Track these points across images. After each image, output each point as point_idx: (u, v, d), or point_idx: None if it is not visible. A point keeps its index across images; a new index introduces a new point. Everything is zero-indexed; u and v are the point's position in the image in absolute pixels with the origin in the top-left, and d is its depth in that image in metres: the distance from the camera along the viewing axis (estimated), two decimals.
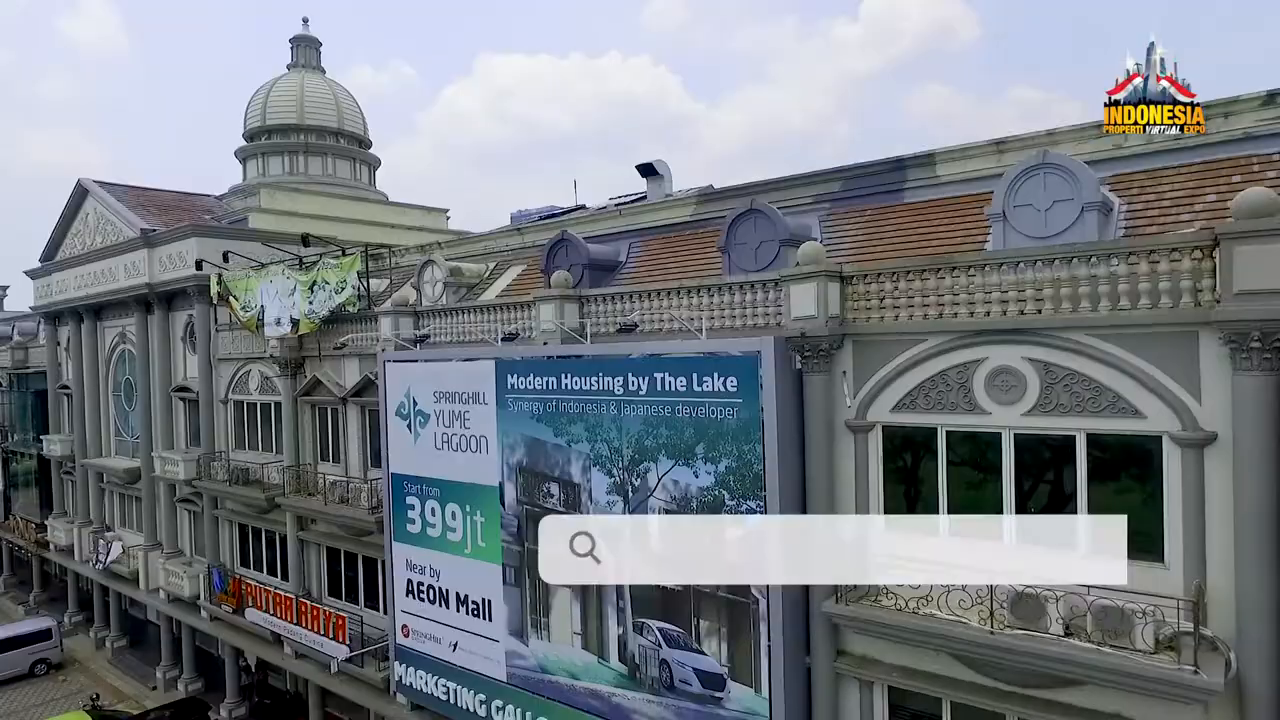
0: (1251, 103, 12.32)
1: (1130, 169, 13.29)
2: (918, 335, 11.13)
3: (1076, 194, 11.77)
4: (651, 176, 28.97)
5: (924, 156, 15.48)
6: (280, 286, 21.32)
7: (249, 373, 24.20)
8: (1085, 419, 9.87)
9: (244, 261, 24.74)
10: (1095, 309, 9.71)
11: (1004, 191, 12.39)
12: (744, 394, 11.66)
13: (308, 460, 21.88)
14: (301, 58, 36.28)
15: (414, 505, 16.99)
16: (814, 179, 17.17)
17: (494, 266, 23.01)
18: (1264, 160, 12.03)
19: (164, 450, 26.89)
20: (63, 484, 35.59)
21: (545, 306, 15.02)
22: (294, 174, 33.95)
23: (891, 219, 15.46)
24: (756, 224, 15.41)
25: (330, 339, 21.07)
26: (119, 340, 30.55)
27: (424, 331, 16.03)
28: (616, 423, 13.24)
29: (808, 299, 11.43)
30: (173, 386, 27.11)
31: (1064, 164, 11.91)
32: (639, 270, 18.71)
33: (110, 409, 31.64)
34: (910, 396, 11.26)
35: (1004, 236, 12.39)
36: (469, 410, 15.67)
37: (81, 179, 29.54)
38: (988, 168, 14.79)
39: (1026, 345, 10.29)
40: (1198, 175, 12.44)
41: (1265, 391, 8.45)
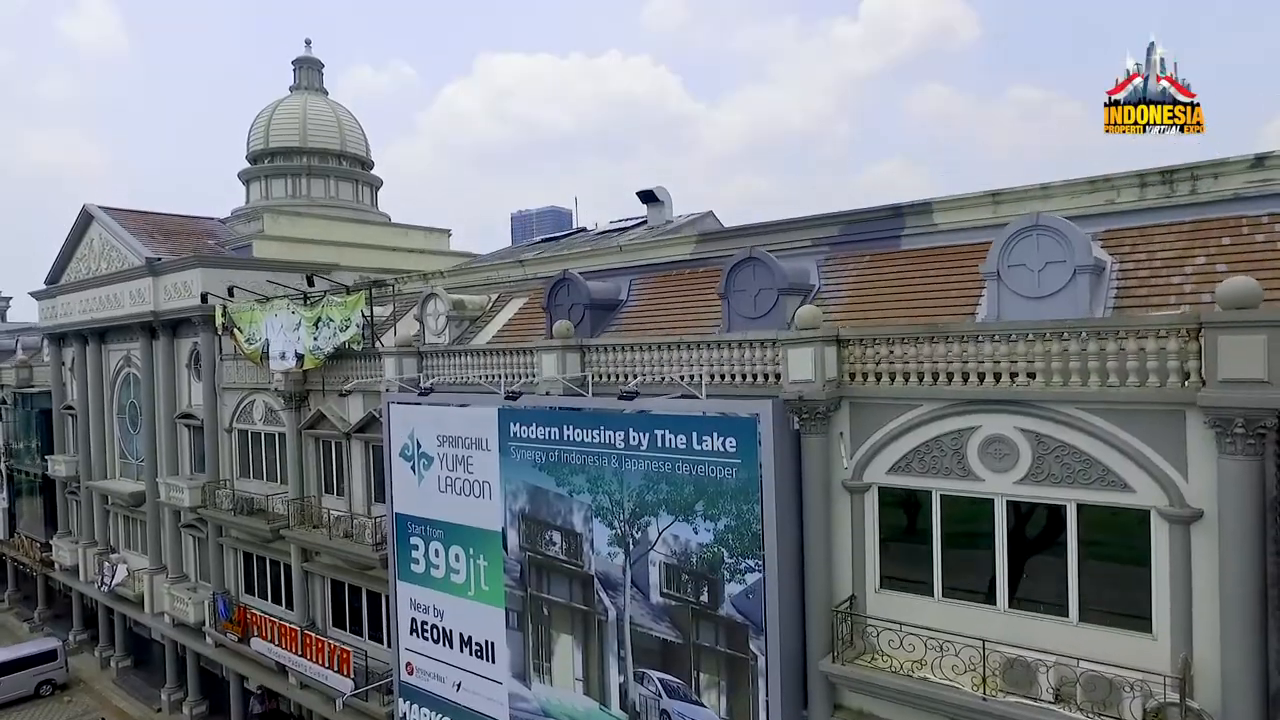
0: (1240, 164, 12.55)
1: (1122, 225, 13.52)
2: (913, 400, 11.37)
3: (1069, 256, 11.99)
4: (652, 203, 29.35)
5: (921, 205, 15.71)
6: (285, 321, 21.56)
7: (253, 403, 24.44)
8: (1076, 490, 10.10)
9: (249, 295, 24.99)
10: (1085, 384, 9.94)
11: (998, 251, 12.61)
12: (743, 455, 11.90)
13: (312, 493, 22.12)
14: (304, 79, 36.51)
15: (418, 545, 17.24)
16: (813, 223, 17.40)
17: (495, 298, 23.23)
18: (1253, 222, 12.26)
19: (169, 476, 27.15)
20: (67, 503, 35.84)
21: (547, 357, 15.26)
22: (296, 196, 34.17)
23: (889, 266, 15.68)
24: (755, 272, 15.66)
25: (334, 374, 21.32)
26: (124, 364, 30.79)
27: (429, 385, 16.26)
28: (618, 476, 13.48)
29: (805, 363, 11.66)
30: (177, 413, 27.38)
31: (1057, 226, 12.12)
32: (639, 310, 18.93)
33: (115, 431, 31.88)
34: (906, 460, 11.50)
35: (998, 295, 12.62)
36: (472, 455, 15.91)
37: (87, 205, 29.80)
38: (983, 218, 15.04)
39: (1019, 415, 10.52)
40: (1188, 235, 12.66)
41: (1249, 475, 8.68)
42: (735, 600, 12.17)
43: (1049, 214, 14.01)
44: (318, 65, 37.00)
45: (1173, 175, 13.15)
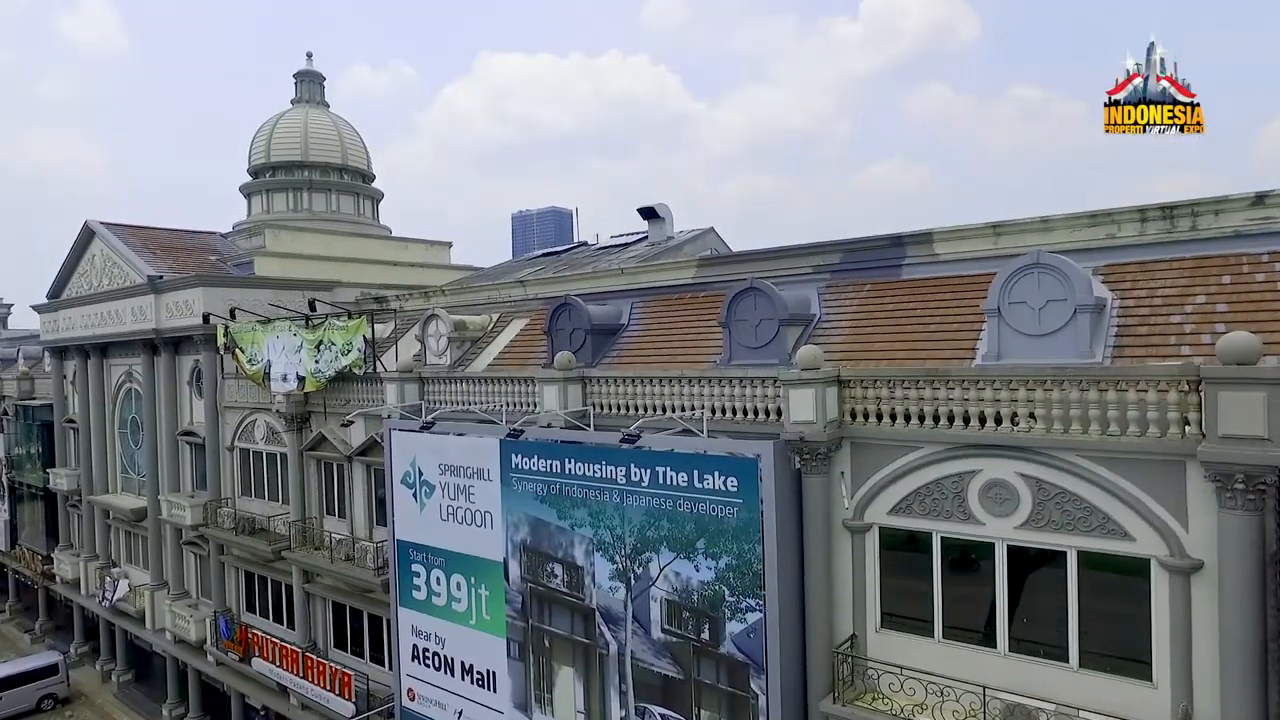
0: (1241, 202, 12.57)
1: (1123, 260, 13.53)
2: (914, 443, 11.40)
3: (1069, 295, 12.03)
4: (653, 219, 29.42)
5: (922, 235, 15.73)
6: (286, 343, 21.59)
7: (255, 422, 24.48)
8: (1076, 537, 10.13)
9: (251, 316, 25.03)
10: (1085, 431, 9.97)
11: (999, 288, 12.64)
12: (744, 495, 11.93)
13: (313, 514, 22.16)
14: (305, 92, 36.56)
15: (419, 573, 17.27)
16: (814, 250, 17.43)
17: (497, 319, 23.25)
18: (1253, 261, 12.27)
19: (170, 494, 27.20)
20: (69, 516, 35.89)
21: (549, 388, 15.29)
22: (297, 210, 34.22)
23: (890, 296, 15.70)
24: (756, 302, 15.68)
25: (336, 396, 21.36)
26: (125, 379, 30.83)
27: (430, 419, 16.29)
28: (619, 511, 13.51)
29: (806, 404, 11.69)
30: (179, 430, 27.41)
31: (1057, 265, 12.15)
32: (641, 335, 18.95)
33: (117, 445, 31.93)
34: (906, 501, 11.53)
35: (998, 333, 12.65)
36: (473, 485, 15.94)
37: (89, 221, 29.84)
38: (984, 249, 15.07)
39: (1019, 461, 10.55)
40: (1189, 272, 12.67)
41: (1250, 530, 8.71)
42: (736, 639, 12.20)
43: (1050, 249, 14.17)
44: (319, 78, 37.05)
45: (1173, 211, 13.16)
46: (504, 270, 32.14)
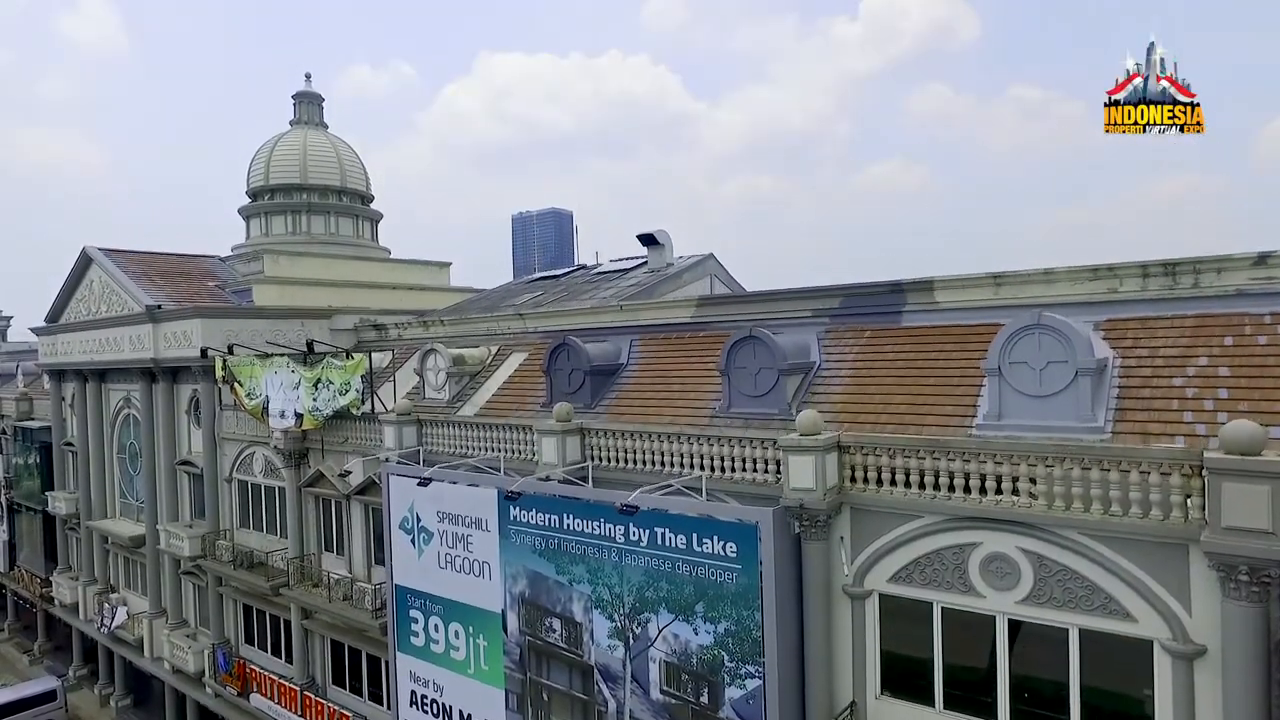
0: (1243, 262, 12.50)
1: (1124, 315, 13.45)
2: (913, 512, 11.31)
3: (1070, 357, 11.95)
4: (653, 246, 29.40)
5: (923, 282, 15.66)
6: (285, 379, 21.51)
7: (253, 455, 24.40)
8: (1078, 615, 10.05)
9: (252, 341, 24.95)
10: (1087, 510, 9.88)
11: (999, 348, 12.57)
12: (743, 561, 11.84)
13: (312, 550, 22.07)
14: (304, 114, 36.47)
15: (417, 619, 17.18)
16: (814, 294, 17.36)
17: (496, 351, 23.18)
18: (1255, 321, 12.20)
19: (169, 523, 27.12)
20: (67, 539, 35.80)
21: (547, 440, 15.21)
22: (296, 233, 34.15)
23: (891, 343, 15.62)
24: (755, 351, 15.62)
25: (334, 434, 21.27)
26: (123, 404, 30.75)
27: (428, 474, 16.19)
28: (618, 570, 13.42)
29: (806, 472, 11.60)
30: (177, 460, 27.33)
31: (1058, 327, 12.07)
32: (640, 375, 18.87)
33: (115, 470, 31.85)
34: (907, 570, 11.45)
35: (999, 392, 12.59)
36: (471, 535, 15.86)
37: (87, 247, 29.74)
38: (985, 298, 15.00)
39: (1020, 536, 10.47)
40: (1191, 331, 12.59)
41: (1254, 619, 8.62)
42: (736, 704, 12.11)
43: (1051, 301, 14.15)
44: (317, 99, 36.97)
45: (1175, 268, 13.10)
46: (503, 295, 32.08)
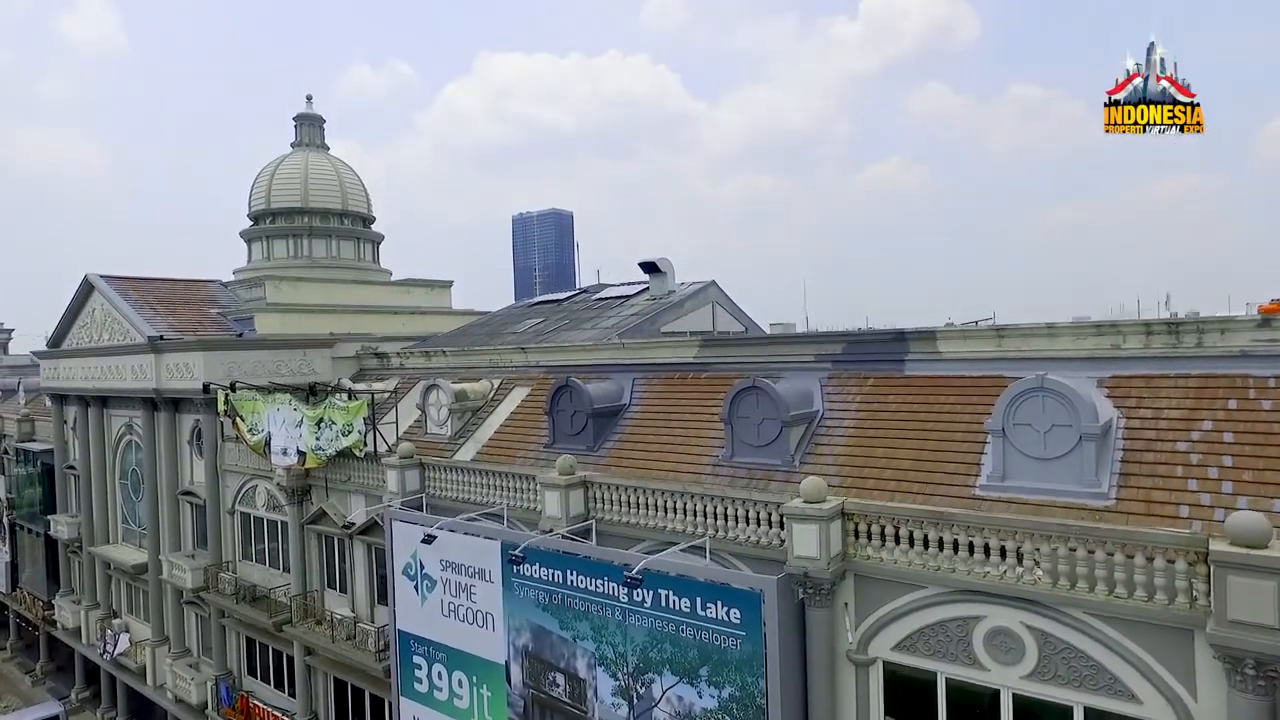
0: (1247, 324, 12.51)
1: (1128, 372, 13.44)
2: (918, 583, 11.31)
3: (1074, 421, 11.96)
4: (654, 273, 29.42)
5: (926, 332, 15.69)
6: (287, 416, 21.52)
7: (255, 488, 24.41)
8: (1083, 694, 10.04)
9: (254, 372, 24.99)
10: (1091, 590, 9.88)
11: (1003, 409, 12.57)
12: (747, 627, 11.84)
13: (315, 587, 22.09)
14: (305, 136, 36.50)
15: (421, 665, 17.19)
16: (817, 339, 17.40)
17: (498, 385, 23.16)
18: (1259, 385, 12.20)
19: (171, 553, 27.14)
20: (70, 562, 35.80)
21: (550, 494, 15.21)
22: (298, 257, 34.18)
23: (894, 393, 15.61)
24: (759, 400, 15.61)
25: (337, 471, 21.27)
26: (125, 430, 30.76)
27: (433, 531, 16.19)
28: (622, 629, 13.43)
29: (810, 540, 11.61)
30: (180, 490, 27.35)
31: (1062, 391, 12.07)
32: (643, 417, 18.85)
33: (117, 496, 31.85)
34: (911, 639, 11.45)
35: (1003, 453, 12.60)
36: (475, 585, 15.86)
37: (89, 275, 29.75)
38: (988, 350, 15.02)
39: (1024, 612, 10.46)
40: (1195, 392, 12.58)
41: (1261, 713, 8.61)
42: None
43: (1054, 356, 14.17)
44: (319, 121, 37.01)
45: (1179, 327, 13.12)
46: (504, 320, 32.08)
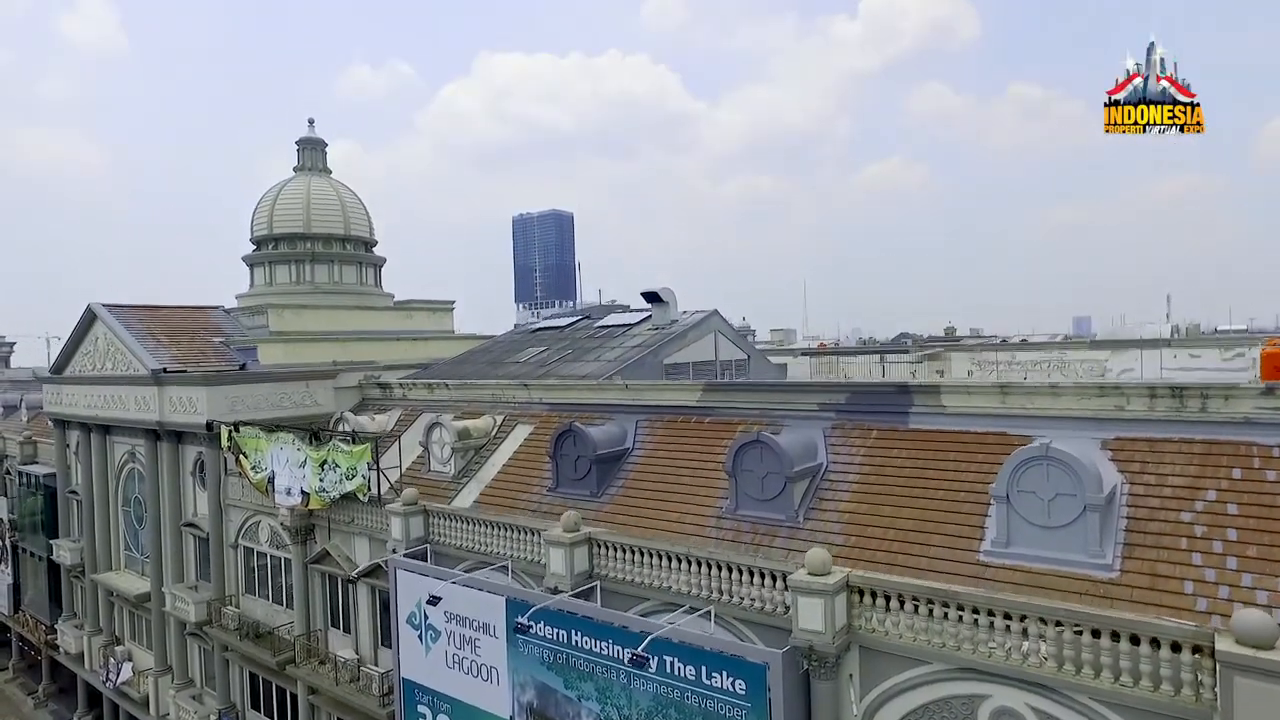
0: (1251, 391, 12.54)
1: (1132, 434, 13.48)
2: (922, 659, 11.32)
3: (1079, 491, 12.00)
4: (657, 303, 29.46)
5: (930, 388, 15.76)
6: (291, 456, 21.55)
7: (259, 523, 24.44)
8: None
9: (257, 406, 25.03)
10: (1097, 677, 9.89)
11: (1007, 475, 12.60)
12: (752, 699, 11.85)
13: (318, 626, 22.11)
14: (308, 160, 36.55)
15: (425, 715, 17.21)
16: (821, 388, 17.44)
17: (501, 421, 23.16)
18: (1264, 453, 12.24)
19: (174, 584, 27.17)
20: (72, 586, 35.85)
21: (555, 551, 15.23)
22: (300, 283, 34.23)
23: (898, 445, 15.63)
24: (762, 454, 15.63)
25: (340, 513, 21.29)
26: (128, 458, 30.79)
27: (437, 593, 16.20)
28: (626, 692, 13.44)
29: (815, 614, 11.63)
30: (182, 521, 27.38)
31: (1067, 460, 12.10)
32: (646, 461, 18.85)
33: (120, 523, 31.90)
34: (916, 714, 11.47)
35: (1007, 519, 12.63)
36: (479, 639, 15.88)
37: (92, 304, 29.77)
38: (992, 406, 15.05)
39: (1030, 694, 10.48)
40: (1199, 459, 12.62)
41: None
42: None
43: (1058, 415, 14.21)
44: (321, 145, 37.06)
45: (1183, 391, 13.15)
46: (506, 347, 32.12)
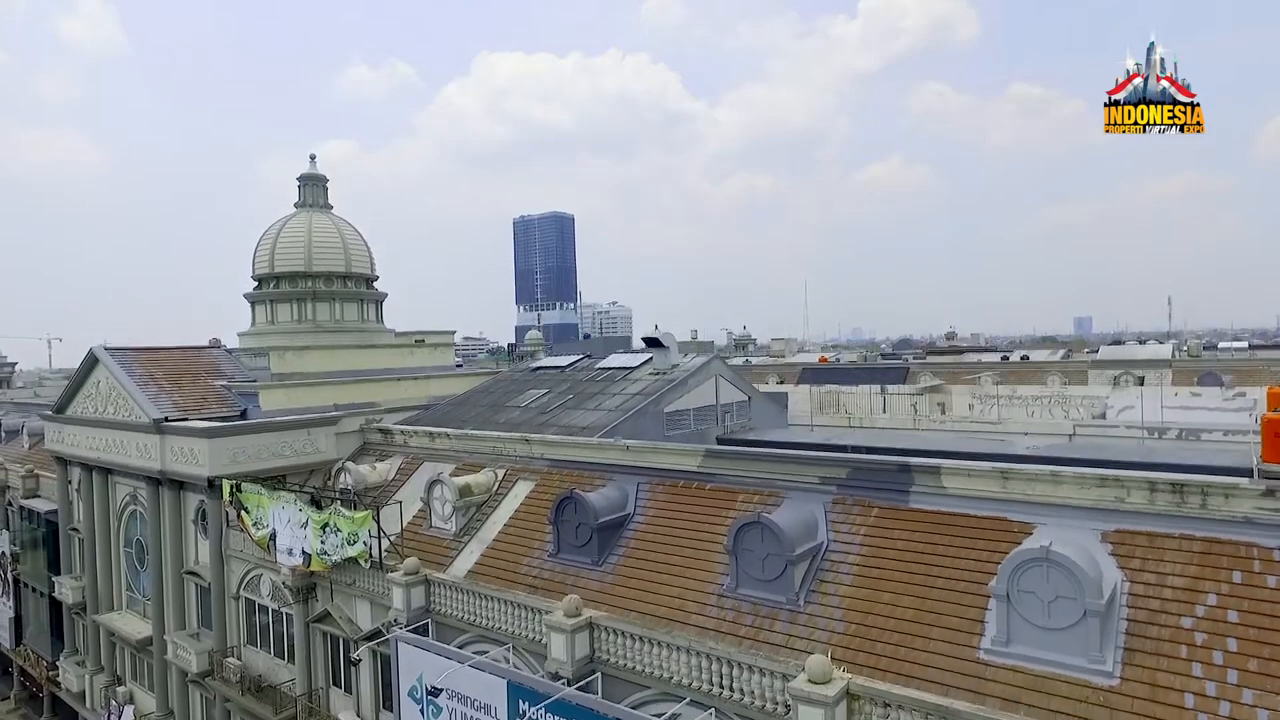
0: (1252, 492, 12.60)
1: (1132, 527, 13.57)
2: None
3: (1079, 595, 12.05)
4: (657, 348, 29.54)
5: (930, 468, 15.77)
6: (292, 516, 21.58)
7: (261, 576, 24.47)
8: None
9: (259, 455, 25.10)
10: None
11: (1008, 575, 12.66)
12: None
13: (320, 684, 22.14)
14: (309, 196, 36.62)
15: None
16: (823, 462, 17.46)
17: (502, 476, 23.19)
18: (1264, 555, 12.31)
19: (176, 632, 27.20)
20: (74, 623, 35.87)
21: (556, 637, 15.25)
22: (302, 321, 34.30)
23: (900, 525, 15.69)
24: (763, 536, 15.67)
25: (342, 575, 21.30)
26: (129, 500, 30.84)
27: (438, 684, 16.24)
28: None
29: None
30: (184, 569, 27.41)
31: (1067, 565, 12.15)
32: (647, 530, 18.86)
33: (122, 563, 31.93)
34: None
35: (1007, 618, 12.67)
36: (481, 718, 15.90)
37: (94, 349, 29.87)
38: (992, 490, 15.13)
39: None
40: (1199, 557, 12.68)
41: None
42: None
43: (1058, 502, 14.25)
44: (322, 181, 37.13)
45: (1183, 487, 13.21)
46: (507, 389, 32.20)
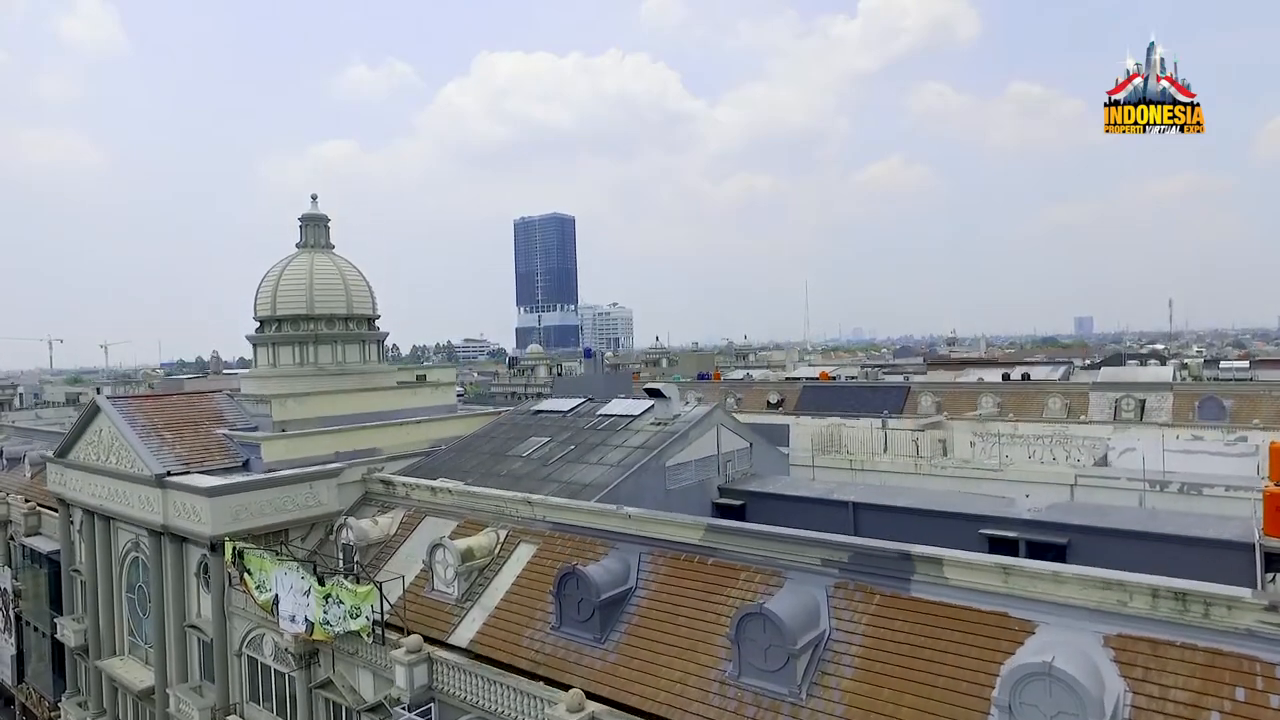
0: (1254, 606, 12.62)
1: (1134, 632, 13.58)
2: None
3: (1080, 713, 12.05)
4: (659, 398, 29.60)
5: (932, 558, 15.81)
6: (295, 583, 21.60)
7: (263, 636, 24.50)
8: None
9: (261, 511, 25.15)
10: None
11: (1010, 686, 12.66)
12: None
13: None
14: (310, 237, 36.65)
15: None
16: (824, 545, 17.48)
17: (504, 538, 23.21)
18: (1266, 672, 12.32)
19: (178, 685, 27.23)
20: (77, 664, 35.92)
21: None
22: (304, 364, 34.35)
23: (901, 616, 15.73)
24: (765, 626, 15.71)
25: (345, 643, 21.33)
26: (131, 547, 30.88)
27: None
28: None
29: None
30: (186, 622, 27.44)
31: (1069, 680, 12.16)
32: (649, 605, 18.89)
33: (124, 608, 31.98)
34: None
35: None
36: None
37: (96, 398, 29.97)
38: (993, 584, 15.18)
39: None
40: (1202, 670, 12.70)
41: None
42: None
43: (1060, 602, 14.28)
44: (324, 221, 37.19)
45: (1185, 596, 13.22)
46: (508, 434, 32.28)
